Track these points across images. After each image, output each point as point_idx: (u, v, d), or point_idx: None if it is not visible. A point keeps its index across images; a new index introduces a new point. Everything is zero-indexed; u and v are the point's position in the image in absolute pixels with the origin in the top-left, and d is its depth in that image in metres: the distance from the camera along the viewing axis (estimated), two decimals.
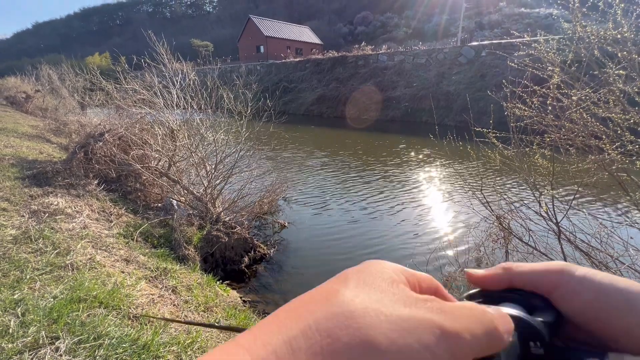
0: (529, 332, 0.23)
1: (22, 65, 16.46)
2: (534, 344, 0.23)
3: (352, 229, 4.89)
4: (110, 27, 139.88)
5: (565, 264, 0.27)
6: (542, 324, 0.24)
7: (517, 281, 0.28)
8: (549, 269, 0.27)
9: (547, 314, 0.25)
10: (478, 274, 0.29)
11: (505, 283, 0.28)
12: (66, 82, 10.69)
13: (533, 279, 0.27)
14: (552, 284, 0.26)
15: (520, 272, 0.28)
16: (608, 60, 1.60)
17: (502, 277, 0.28)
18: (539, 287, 0.27)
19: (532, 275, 0.27)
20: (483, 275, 0.29)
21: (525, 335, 0.23)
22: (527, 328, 0.23)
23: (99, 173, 4.15)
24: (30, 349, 1.44)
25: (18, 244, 2.30)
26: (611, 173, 1.84)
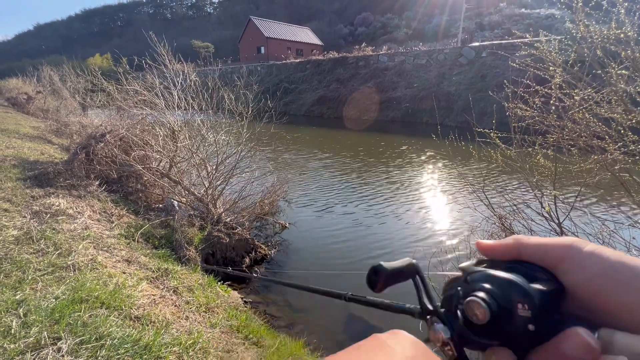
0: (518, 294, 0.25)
1: (23, 66, 16.50)
2: (521, 305, 0.24)
3: (352, 230, 4.88)
4: (111, 29, 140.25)
5: (575, 239, 0.27)
6: (534, 290, 0.25)
7: (525, 253, 0.28)
8: (557, 243, 0.27)
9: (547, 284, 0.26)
10: (488, 243, 0.30)
11: (513, 254, 0.28)
12: (67, 83, 10.72)
13: (540, 252, 0.27)
14: (558, 257, 0.27)
15: (528, 245, 0.28)
16: (610, 60, 1.59)
17: (511, 248, 0.29)
18: (545, 260, 0.27)
19: (539, 248, 0.28)
20: (493, 244, 0.30)
21: (515, 297, 0.24)
22: (516, 290, 0.25)
23: (100, 174, 4.16)
24: (32, 350, 1.44)
25: (20, 244, 2.30)
26: (613, 173, 1.83)
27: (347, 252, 4.27)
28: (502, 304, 0.25)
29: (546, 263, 0.27)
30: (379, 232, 4.79)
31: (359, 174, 7.75)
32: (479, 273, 0.27)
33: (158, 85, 4.34)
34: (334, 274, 3.82)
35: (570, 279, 0.26)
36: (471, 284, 0.27)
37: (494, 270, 0.27)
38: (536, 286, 0.25)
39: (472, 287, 0.27)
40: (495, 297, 0.25)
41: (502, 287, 0.25)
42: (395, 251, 4.25)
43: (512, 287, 0.25)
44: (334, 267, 3.95)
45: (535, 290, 0.25)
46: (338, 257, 4.16)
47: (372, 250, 4.28)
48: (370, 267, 0.29)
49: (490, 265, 0.29)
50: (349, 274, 3.80)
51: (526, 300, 0.24)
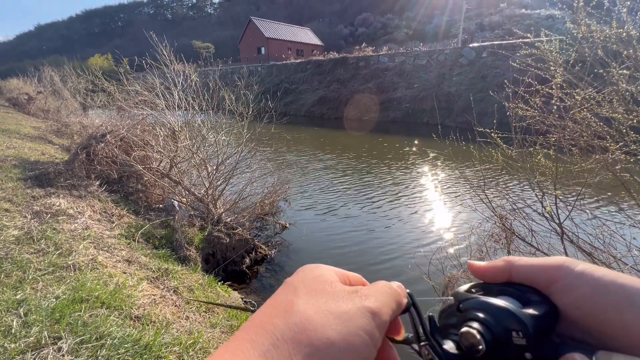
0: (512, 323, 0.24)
1: (24, 66, 16.51)
2: (516, 333, 0.24)
3: (352, 230, 4.88)
4: (112, 29, 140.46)
5: (566, 259, 0.27)
6: (527, 316, 0.24)
7: (516, 275, 0.28)
8: (548, 263, 0.27)
9: (539, 307, 0.25)
10: (479, 265, 0.30)
11: (504, 276, 0.29)
12: (68, 84, 10.73)
13: (531, 273, 0.27)
14: (550, 278, 0.26)
15: (519, 266, 0.28)
16: (612, 60, 1.59)
17: (502, 270, 0.29)
18: (536, 281, 0.27)
19: (530, 270, 0.28)
20: (484, 267, 0.30)
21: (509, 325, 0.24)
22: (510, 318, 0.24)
23: (101, 174, 4.16)
24: (32, 349, 1.44)
25: (20, 244, 2.30)
26: (614, 173, 1.83)
27: (347, 252, 4.27)
28: (497, 334, 0.24)
29: (538, 284, 0.27)
30: (378, 232, 4.79)
31: (359, 174, 7.75)
32: (471, 300, 0.27)
33: (159, 86, 4.34)
34: None
35: (562, 300, 0.26)
36: (464, 313, 0.27)
37: (486, 297, 0.27)
38: (529, 311, 0.25)
39: (466, 316, 0.26)
40: (489, 326, 0.25)
41: (496, 316, 0.25)
42: (396, 251, 4.24)
43: (505, 315, 0.25)
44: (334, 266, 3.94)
45: (529, 316, 0.24)
46: (338, 257, 4.16)
47: (372, 250, 4.28)
48: None
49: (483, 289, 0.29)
50: None
51: (520, 328, 0.24)
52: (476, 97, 13.29)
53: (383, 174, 7.78)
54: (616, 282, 0.24)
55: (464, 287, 0.29)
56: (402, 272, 3.73)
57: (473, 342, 0.24)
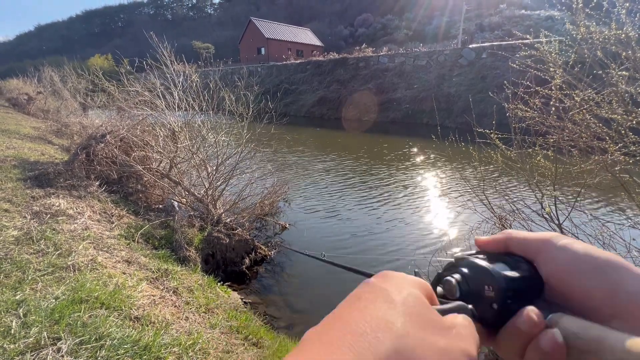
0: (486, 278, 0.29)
1: (24, 67, 16.51)
2: (487, 287, 0.28)
3: (352, 230, 4.88)
4: (112, 29, 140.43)
5: (553, 234, 0.30)
6: (501, 275, 0.28)
7: (512, 246, 0.32)
8: (537, 237, 0.31)
9: (520, 272, 0.29)
10: (482, 239, 0.35)
11: (502, 246, 0.32)
12: (68, 84, 10.73)
13: (523, 245, 0.31)
14: (536, 249, 0.30)
15: (514, 238, 0.32)
16: (611, 61, 1.59)
17: (501, 242, 0.33)
18: (526, 252, 0.31)
19: (522, 242, 0.31)
20: (486, 240, 0.34)
21: (483, 280, 0.29)
22: (485, 275, 0.29)
23: (101, 174, 4.16)
24: (32, 350, 1.44)
25: (20, 244, 2.30)
26: (614, 174, 1.83)
27: (346, 252, 4.27)
28: (472, 285, 0.30)
29: (528, 254, 0.31)
30: (378, 233, 4.79)
31: (358, 175, 7.75)
32: (463, 260, 0.32)
33: (159, 86, 4.34)
34: (335, 275, 3.82)
35: (545, 269, 0.29)
36: (455, 268, 0.32)
37: (473, 258, 0.31)
38: (506, 273, 0.29)
39: (455, 270, 0.32)
40: (467, 279, 0.30)
41: (475, 272, 0.30)
42: (395, 252, 4.24)
43: (481, 273, 0.30)
44: (334, 268, 3.94)
45: (502, 276, 0.29)
46: (338, 257, 4.16)
47: (371, 251, 4.28)
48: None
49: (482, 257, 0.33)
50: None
51: (491, 283, 0.28)
52: (476, 98, 13.31)
53: (382, 174, 7.78)
54: (589, 254, 0.27)
55: (469, 252, 0.34)
56: (401, 270, 3.73)
57: (450, 288, 0.30)
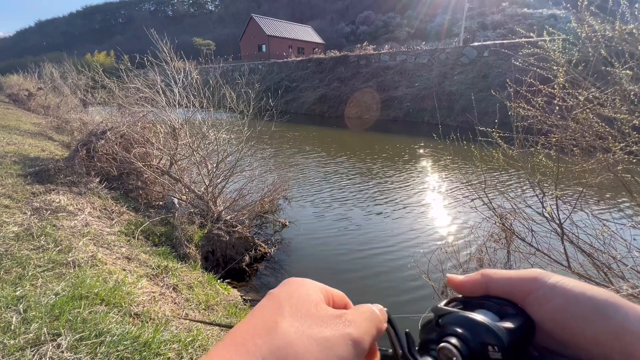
0: (488, 337, 0.25)
1: (24, 63, 16.50)
2: (492, 347, 0.25)
3: (352, 228, 4.88)
4: (113, 25, 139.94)
5: (540, 271, 0.28)
6: (503, 330, 0.25)
7: (493, 288, 0.29)
8: (522, 276, 0.28)
9: (515, 320, 0.26)
10: (458, 279, 0.31)
11: (482, 289, 0.30)
12: (68, 80, 10.70)
13: (507, 286, 0.28)
14: (524, 290, 0.27)
15: (496, 279, 0.29)
16: (615, 60, 1.58)
17: (480, 284, 0.30)
18: (512, 293, 0.28)
19: (506, 282, 0.29)
20: (462, 281, 0.31)
21: (485, 339, 0.25)
22: (486, 333, 0.25)
23: (101, 171, 4.16)
24: (32, 346, 1.44)
25: (20, 240, 2.30)
26: (616, 174, 1.82)
27: (346, 251, 4.27)
28: (473, 348, 0.25)
29: (514, 296, 0.28)
30: (378, 231, 4.79)
31: (359, 173, 7.74)
32: (449, 315, 0.28)
33: (159, 83, 4.33)
34: (334, 273, 3.82)
35: (537, 312, 0.27)
36: (443, 328, 0.27)
37: (464, 312, 0.27)
38: (505, 325, 0.26)
39: (444, 331, 0.27)
40: (466, 341, 0.26)
41: (472, 330, 0.26)
42: (395, 250, 4.24)
43: (481, 330, 0.26)
44: (333, 266, 3.95)
45: (504, 329, 0.25)
46: (338, 256, 4.16)
47: (371, 249, 4.28)
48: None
49: (462, 303, 0.30)
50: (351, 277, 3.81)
51: (496, 342, 0.25)
52: (477, 96, 13.26)
53: (383, 172, 7.77)
54: (586, 294, 0.25)
55: (443, 302, 0.30)
56: (401, 270, 3.74)
57: (450, 357, 0.25)
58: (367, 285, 3.57)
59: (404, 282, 3.56)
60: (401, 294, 3.40)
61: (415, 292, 3.38)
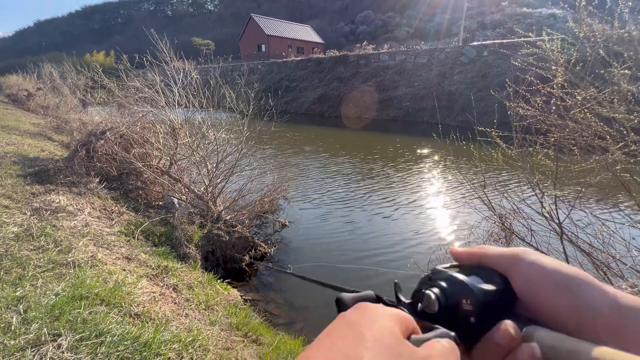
0: (464, 292, 0.29)
1: (24, 63, 16.47)
2: (465, 300, 0.29)
3: (352, 228, 4.89)
4: (112, 25, 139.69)
5: (524, 249, 0.32)
6: (478, 288, 0.29)
7: (486, 260, 0.33)
8: (508, 252, 0.32)
9: (495, 285, 0.30)
10: (458, 250, 0.36)
11: (476, 260, 0.34)
12: (67, 80, 10.68)
13: (496, 260, 0.32)
14: (508, 264, 0.31)
15: (489, 253, 0.33)
16: (613, 60, 1.59)
17: (475, 255, 0.34)
18: (499, 266, 0.32)
19: (496, 257, 0.33)
20: (461, 251, 0.35)
21: (461, 293, 0.30)
22: (463, 288, 0.30)
23: (101, 171, 4.15)
24: (32, 346, 1.44)
25: (20, 241, 2.30)
26: (614, 174, 1.83)
27: (346, 250, 4.28)
28: (450, 299, 0.30)
29: (500, 268, 0.32)
30: (378, 230, 4.79)
31: (358, 173, 7.74)
32: (440, 273, 0.33)
33: (159, 83, 4.33)
34: (333, 274, 3.83)
35: (516, 283, 0.30)
36: (432, 282, 0.32)
37: (450, 271, 0.32)
38: (482, 286, 0.30)
39: (432, 284, 0.32)
40: (445, 292, 0.30)
41: (453, 285, 0.31)
42: (395, 249, 4.25)
43: (460, 286, 0.30)
44: (333, 265, 3.95)
45: (480, 289, 0.29)
46: (338, 256, 4.17)
47: (371, 248, 4.28)
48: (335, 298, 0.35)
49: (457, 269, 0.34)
50: (352, 270, 3.81)
51: (469, 296, 0.29)
52: (477, 96, 13.26)
53: (382, 172, 7.77)
54: (558, 270, 0.29)
55: (443, 265, 0.35)
56: (401, 269, 3.74)
57: (429, 302, 0.30)
58: (367, 285, 3.57)
59: (404, 282, 3.56)
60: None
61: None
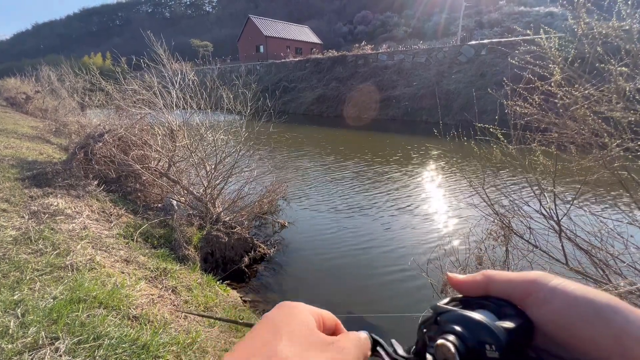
0: (486, 336, 0.25)
1: (21, 66, 16.46)
2: (489, 346, 0.24)
3: (351, 228, 4.88)
4: (110, 28, 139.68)
5: (541, 273, 0.28)
6: (501, 329, 0.25)
7: (494, 289, 0.29)
8: (523, 278, 0.28)
9: (514, 320, 0.26)
10: (458, 279, 0.31)
11: (482, 289, 0.29)
12: (66, 83, 10.67)
13: (508, 287, 0.28)
14: (524, 292, 0.27)
15: (496, 281, 0.29)
16: (611, 57, 1.59)
17: (480, 284, 0.30)
18: (512, 295, 0.28)
19: (507, 284, 0.29)
20: (462, 280, 0.31)
21: (483, 338, 0.25)
22: (484, 331, 0.25)
23: (99, 174, 4.15)
24: (30, 350, 1.44)
25: (18, 244, 2.30)
26: (612, 171, 1.83)
27: (345, 250, 4.27)
28: (471, 347, 0.25)
29: (514, 298, 0.28)
30: (377, 230, 4.79)
31: (357, 172, 7.74)
32: (448, 313, 0.28)
33: (156, 85, 4.32)
34: (333, 273, 3.82)
35: (536, 313, 0.27)
36: (441, 326, 0.27)
37: (462, 310, 0.27)
38: (503, 324, 0.26)
39: (442, 328, 0.27)
40: (464, 339, 0.25)
41: (471, 329, 0.26)
42: (394, 248, 4.25)
43: (480, 328, 0.25)
44: (333, 265, 3.95)
45: (502, 329, 0.25)
46: (338, 256, 4.16)
47: (370, 248, 4.28)
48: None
49: (461, 303, 0.30)
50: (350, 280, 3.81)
51: (494, 341, 0.25)
52: (475, 94, 13.27)
53: (381, 171, 7.77)
54: (586, 297, 0.25)
55: (443, 300, 0.30)
56: (400, 268, 3.74)
57: (447, 355, 0.25)
58: (367, 285, 3.57)
59: (404, 281, 3.57)
60: (401, 294, 3.41)
61: (415, 292, 3.38)
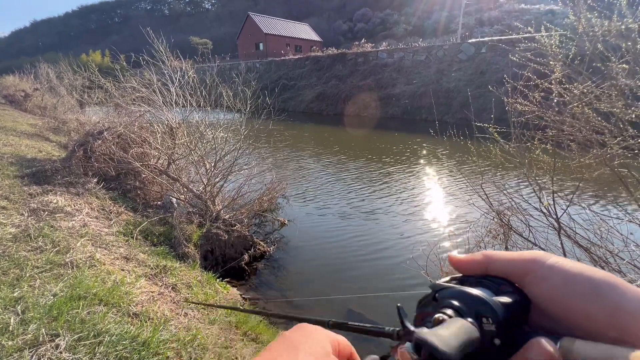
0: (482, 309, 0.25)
1: (20, 63, 16.41)
2: (486, 319, 0.25)
3: (351, 226, 4.89)
4: (109, 25, 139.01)
5: (539, 252, 0.28)
6: (498, 304, 0.26)
7: (493, 268, 0.29)
8: (522, 257, 0.29)
9: (511, 297, 0.27)
10: (458, 258, 0.32)
11: (482, 269, 0.30)
12: (65, 81, 10.63)
13: (506, 266, 0.29)
14: (522, 270, 0.28)
15: (496, 260, 0.29)
16: (611, 54, 1.58)
17: (480, 263, 0.30)
18: (511, 273, 0.29)
19: (506, 263, 0.29)
20: (462, 260, 0.31)
21: (480, 311, 0.25)
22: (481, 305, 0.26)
23: (98, 171, 4.14)
24: (30, 347, 1.44)
25: (18, 242, 2.29)
26: (612, 169, 1.83)
27: (345, 248, 4.28)
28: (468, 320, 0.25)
29: (512, 276, 0.28)
30: (376, 228, 4.79)
31: (357, 171, 7.74)
32: (446, 290, 0.28)
33: (156, 82, 4.31)
34: (333, 272, 3.83)
35: (534, 291, 0.27)
36: (439, 301, 0.28)
37: (460, 286, 0.28)
38: (500, 299, 0.26)
39: (440, 304, 0.27)
40: (461, 313, 0.26)
41: (468, 303, 0.26)
42: (393, 246, 4.25)
43: (476, 302, 0.26)
44: (333, 264, 3.96)
45: (499, 303, 0.26)
46: (337, 254, 4.17)
47: (370, 246, 4.28)
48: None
49: (460, 281, 0.30)
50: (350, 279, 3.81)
51: (490, 314, 0.25)
52: (475, 93, 13.24)
53: (381, 169, 7.77)
54: (584, 274, 0.26)
55: (442, 279, 0.31)
56: (400, 267, 3.74)
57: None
58: (366, 284, 3.58)
59: (403, 279, 3.58)
60: (400, 292, 3.41)
61: (414, 290, 3.39)
